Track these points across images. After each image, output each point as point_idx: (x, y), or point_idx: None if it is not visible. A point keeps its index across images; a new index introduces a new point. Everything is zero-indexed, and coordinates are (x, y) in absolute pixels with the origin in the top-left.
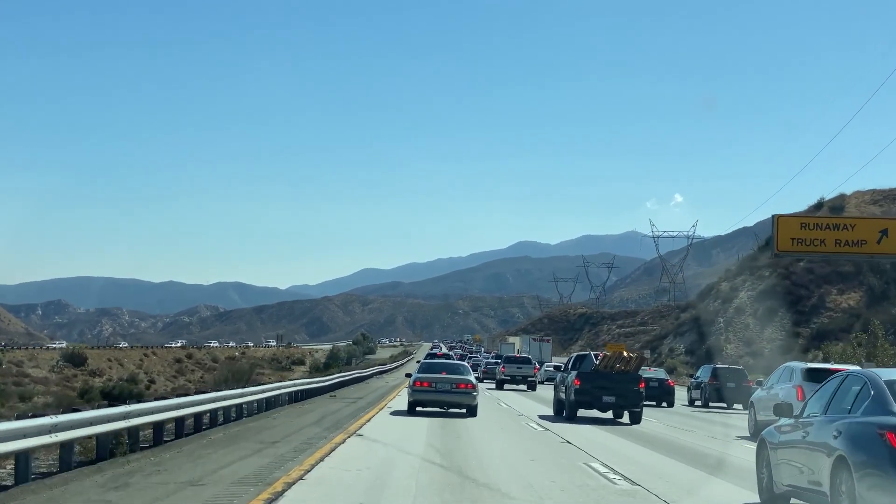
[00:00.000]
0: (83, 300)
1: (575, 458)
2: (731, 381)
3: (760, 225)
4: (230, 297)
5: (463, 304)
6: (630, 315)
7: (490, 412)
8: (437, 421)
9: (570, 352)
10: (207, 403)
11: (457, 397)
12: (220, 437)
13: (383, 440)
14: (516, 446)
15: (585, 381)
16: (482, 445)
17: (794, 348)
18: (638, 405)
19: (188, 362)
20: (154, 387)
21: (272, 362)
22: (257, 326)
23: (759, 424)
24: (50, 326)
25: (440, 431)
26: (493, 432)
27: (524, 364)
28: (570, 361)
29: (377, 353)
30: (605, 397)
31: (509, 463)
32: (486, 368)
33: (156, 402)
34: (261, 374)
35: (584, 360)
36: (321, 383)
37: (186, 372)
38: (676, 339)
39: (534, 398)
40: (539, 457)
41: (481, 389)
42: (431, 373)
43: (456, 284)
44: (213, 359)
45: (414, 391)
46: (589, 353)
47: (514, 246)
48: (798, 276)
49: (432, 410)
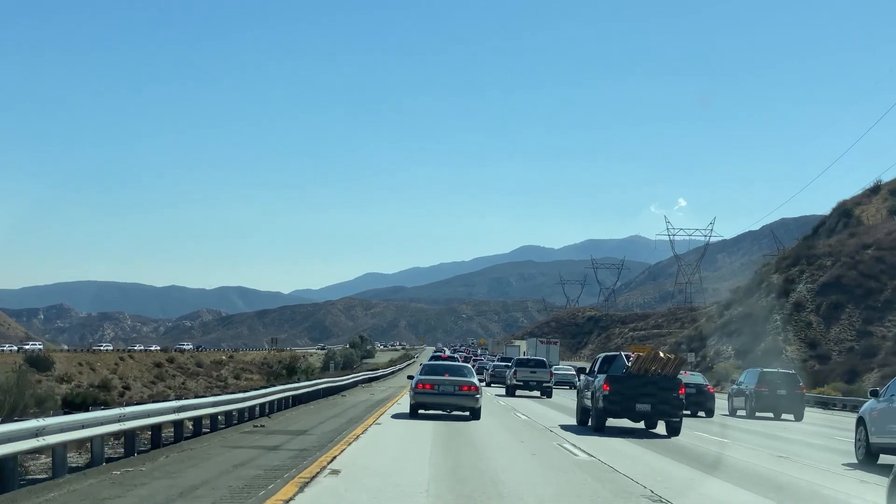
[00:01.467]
0: (85, 304)
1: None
2: (782, 388)
3: (766, 229)
4: (233, 301)
5: (466, 309)
6: (641, 318)
7: (508, 423)
8: (440, 444)
9: (581, 356)
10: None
11: (460, 400)
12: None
13: (372, 469)
14: (556, 479)
15: (616, 385)
16: (516, 486)
17: (882, 348)
18: (677, 414)
19: (169, 367)
20: (129, 393)
21: (262, 367)
22: (259, 331)
23: (873, 448)
24: (52, 331)
25: (447, 460)
26: (522, 459)
27: (538, 368)
28: (596, 363)
29: (376, 356)
30: (639, 405)
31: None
32: (494, 372)
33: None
34: (244, 380)
35: (614, 361)
36: (238, 403)
37: (166, 377)
38: (723, 340)
39: (551, 405)
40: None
41: (490, 395)
42: (434, 375)
43: (459, 289)
44: (197, 363)
45: (416, 393)
46: (619, 354)
47: (518, 250)
48: (866, 266)
49: (434, 415)
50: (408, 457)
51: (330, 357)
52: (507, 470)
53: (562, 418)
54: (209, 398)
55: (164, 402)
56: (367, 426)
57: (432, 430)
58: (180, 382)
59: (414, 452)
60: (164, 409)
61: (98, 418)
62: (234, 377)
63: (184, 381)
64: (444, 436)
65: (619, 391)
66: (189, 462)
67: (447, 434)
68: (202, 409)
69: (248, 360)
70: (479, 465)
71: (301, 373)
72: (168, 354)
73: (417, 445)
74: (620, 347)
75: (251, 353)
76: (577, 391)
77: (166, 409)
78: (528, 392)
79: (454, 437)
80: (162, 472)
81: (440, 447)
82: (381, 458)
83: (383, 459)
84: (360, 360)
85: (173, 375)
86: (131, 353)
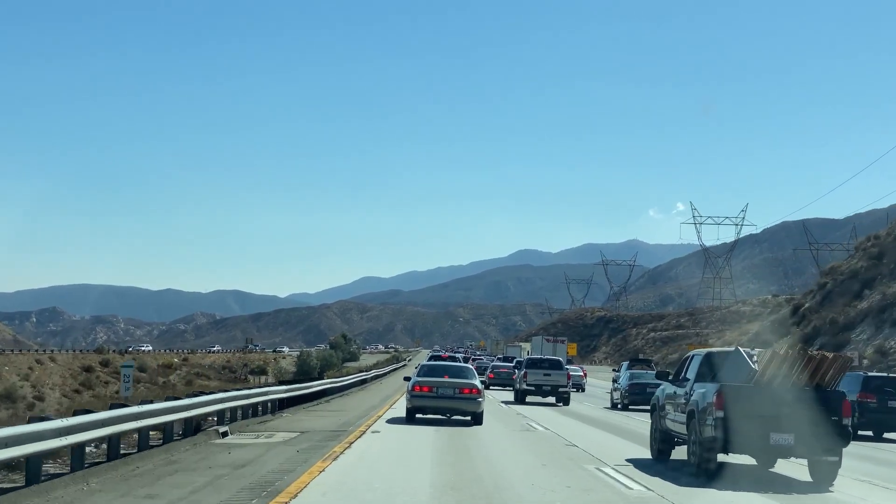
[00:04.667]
0: (81, 308)
1: None
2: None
3: (767, 232)
4: (229, 305)
5: (463, 312)
6: (656, 318)
7: (538, 450)
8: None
9: (593, 359)
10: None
11: (460, 403)
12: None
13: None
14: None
15: (739, 403)
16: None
17: None
18: (837, 451)
19: (102, 372)
20: (40, 406)
21: (223, 371)
22: (253, 334)
23: None
24: (44, 334)
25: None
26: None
27: (553, 369)
28: (689, 363)
29: (361, 359)
30: (775, 435)
31: None
32: (494, 373)
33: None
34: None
35: (726, 362)
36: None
37: (96, 384)
38: (880, 332)
39: (578, 418)
40: None
41: (495, 401)
42: (432, 376)
43: (456, 293)
44: (140, 367)
45: (413, 396)
46: (736, 351)
47: (515, 254)
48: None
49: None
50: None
51: (304, 359)
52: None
53: (608, 440)
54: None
55: (41, 421)
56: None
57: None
58: (114, 391)
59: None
60: (42, 432)
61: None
62: (185, 383)
63: (119, 388)
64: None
65: (742, 412)
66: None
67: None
68: (100, 430)
69: (206, 363)
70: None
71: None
72: (104, 356)
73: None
74: (642, 349)
75: (211, 356)
76: (651, 406)
77: (46, 433)
78: (542, 398)
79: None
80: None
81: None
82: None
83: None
84: (340, 364)
85: (105, 382)
86: (53, 355)
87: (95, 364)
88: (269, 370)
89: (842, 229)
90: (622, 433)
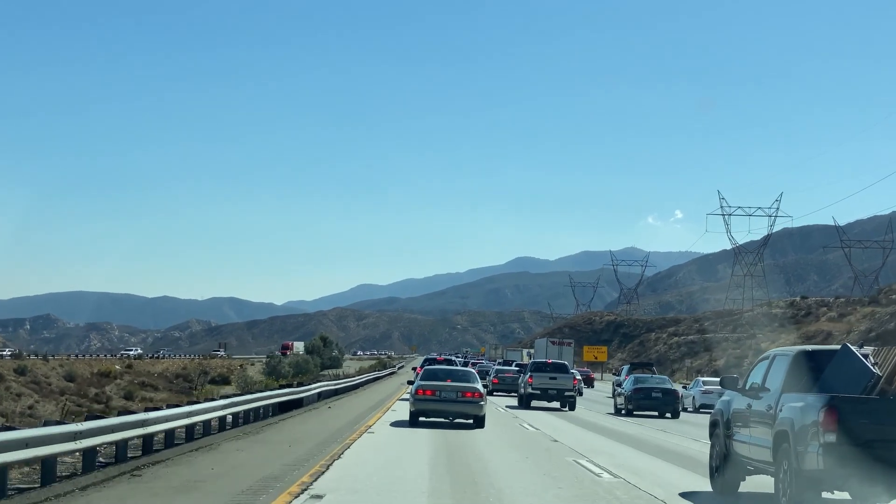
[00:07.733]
0: (76, 315)
1: None
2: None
3: (765, 239)
4: (224, 312)
5: (461, 320)
6: (673, 322)
7: (557, 475)
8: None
9: (608, 367)
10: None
11: (463, 407)
12: None
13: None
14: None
15: (862, 422)
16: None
17: None
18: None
19: (16, 381)
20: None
21: (176, 381)
22: (248, 341)
23: None
24: (37, 341)
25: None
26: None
27: (559, 373)
28: (766, 370)
29: (344, 366)
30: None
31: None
32: (498, 378)
33: None
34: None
35: (829, 365)
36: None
37: (5, 397)
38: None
39: (592, 428)
40: None
41: (498, 406)
42: (435, 380)
43: (454, 300)
44: (67, 376)
45: (416, 400)
46: (847, 349)
47: (513, 261)
48: None
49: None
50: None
51: (274, 365)
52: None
53: (643, 461)
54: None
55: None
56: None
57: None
58: (27, 405)
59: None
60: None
61: None
62: (123, 396)
63: (34, 402)
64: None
65: (865, 434)
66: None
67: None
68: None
69: (157, 370)
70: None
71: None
72: (20, 363)
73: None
74: (665, 355)
75: (163, 363)
76: (710, 423)
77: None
78: (547, 403)
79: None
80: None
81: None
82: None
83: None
84: (317, 371)
85: (18, 395)
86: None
87: (8, 372)
88: (232, 379)
89: (844, 236)
90: (646, 448)
